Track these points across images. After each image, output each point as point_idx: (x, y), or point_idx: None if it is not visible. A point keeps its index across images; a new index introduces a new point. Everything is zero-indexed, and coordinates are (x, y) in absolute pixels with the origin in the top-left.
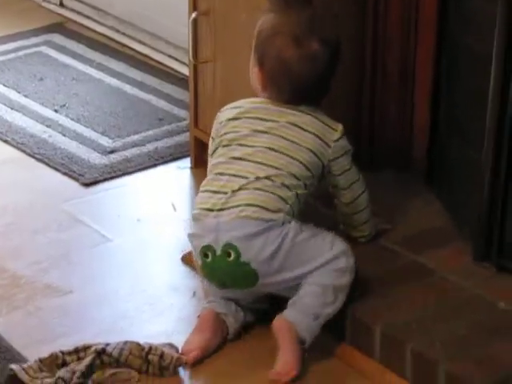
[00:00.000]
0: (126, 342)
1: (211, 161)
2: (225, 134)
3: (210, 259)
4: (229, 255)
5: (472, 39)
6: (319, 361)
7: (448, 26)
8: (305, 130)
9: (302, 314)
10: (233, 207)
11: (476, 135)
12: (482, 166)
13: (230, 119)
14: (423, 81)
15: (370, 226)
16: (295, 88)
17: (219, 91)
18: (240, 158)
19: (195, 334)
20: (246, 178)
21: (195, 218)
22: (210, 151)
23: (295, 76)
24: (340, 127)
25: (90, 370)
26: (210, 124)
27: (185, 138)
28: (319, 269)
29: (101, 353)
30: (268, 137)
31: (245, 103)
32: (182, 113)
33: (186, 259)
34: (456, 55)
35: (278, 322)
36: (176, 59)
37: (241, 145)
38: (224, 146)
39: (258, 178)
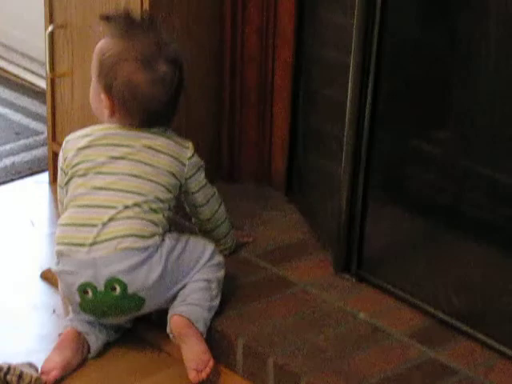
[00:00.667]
0: None
1: (64, 192)
2: (78, 163)
3: (90, 296)
4: (113, 289)
5: (328, 52)
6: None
7: (304, 40)
8: (160, 152)
9: (195, 308)
10: (107, 240)
11: (334, 148)
12: (340, 178)
13: (81, 148)
14: (282, 95)
15: (231, 237)
16: (147, 111)
17: (77, 105)
18: (102, 188)
19: (55, 352)
20: (114, 207)
21: (63, 254)
22: (60, 182)
23: (147, 99)
24: (190, 144)
25: None
26: None
27: (43, 152)
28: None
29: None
30: (126, 163)
31: (94, 130)
32: (40, 126)
33: (45, 276)
34: (313, 69)
35: (176, 319)
36: (32, 72)
37: (100, 173)
38: (80, 175)
39: (126, 207)
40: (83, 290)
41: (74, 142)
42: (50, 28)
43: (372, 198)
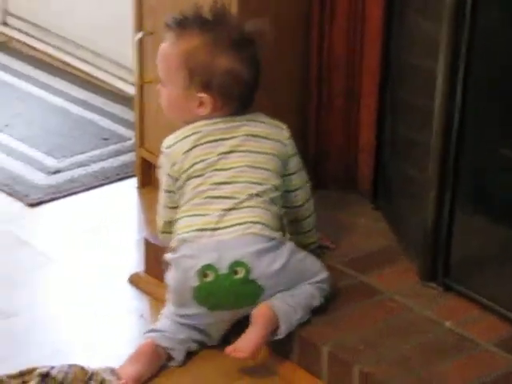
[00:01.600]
0: (70, 366)
1: (174, 197)
2: (191, 166)
3: (211, 279)
4: (236, 273)
5: (417, 58)
6: (264, 380)
7: (393, 45)
8: (262, 137)
9: (289, 309)
10: (234, 225)
11: (421, 155)
12: (427, 185)
13: (187, 151)
14: (369, 101)
15: (316, 232)
16: (244, 95)
17: None
18: (223, 183)
19: (128, 363)
20: (238, 198)
21: (186, 241)
22: (167, 187)
23: (246, 83)
24: (285, 125)
25: None
26: (156, 143)
27: (130, 157)
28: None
29: (45, 376)
30: (237, 155)
31: (193, 130)
32: (128, 132)
33: (134, 280)
34: (400, 75)
35: (263, 309)
36: (121, 78)
37: (216, 170)
38: (197, 176)
39: (251, 195)
40: (203, 272)
41: (176, 146)
42: (139, 35)
43: (459, 205)
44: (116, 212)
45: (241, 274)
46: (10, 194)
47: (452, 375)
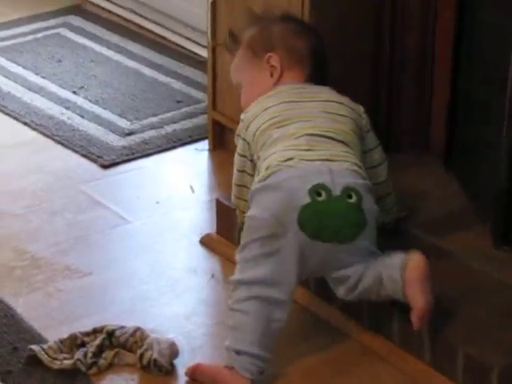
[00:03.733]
0: (136, 330)
1: (246, 161)
2: (264, 122)
3: (324, 197)
4: (350, 197)
5: (493, 15)
6: (335, 340)
7: (468, 3)
8: (341, 104)
9: None
10: (341, 160)
11: (496, 117)
12: (500, 147)
13: (263, 110)
14: (443, 60)
15: (397, 207)
16: (311, 59)
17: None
18: (308, 120)
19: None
20: (332, 138)
21: (290, 166)
22: (241, 151)
23: (305, 42)
24: (358, 104)
25: (100, 349)
26: (228, 106)
27: (203, 120)
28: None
29: (111, 334)
30: (316, 104)
31: (271, 93)
32: (200, 95)
33: (205, 241)
34: (476, 33)
35: (422, 260)
36: (194, 41)
37: (297, 121)
38: (277, 127)
39: (340, 141)
40: (316, 191)
41: (253, 110)
42: None
43: None
44: (188, 174)
45: (354, 199)
46: (84, 156)
47: None
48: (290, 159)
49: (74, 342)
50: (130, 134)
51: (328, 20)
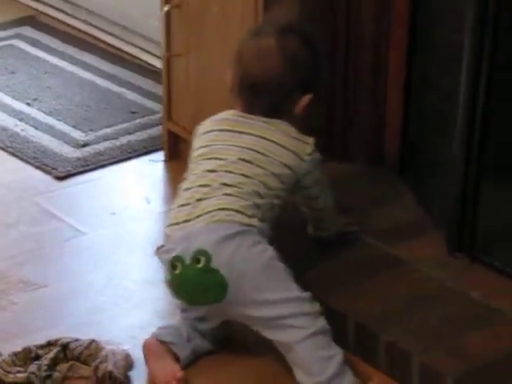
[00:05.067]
0: (91, 342)
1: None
2: (201, 147)
3: (178, 270)
4: (198, 261)
5: (442, 32)
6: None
7: (420, 20)
8: (278, 145)
9: None
10: (202, 214)
11: (448, 127)
12: (454, 157)
13: (202, 133)
14: (396, 75)
15: (336, 224)
16: (256, 92)
17: (192, 84)
18: (212, 170)
19: (152, 365)
20: (210, 185)
21: (166, 235)
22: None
23: (249, 78)
24: (311, 140)
25: (54, 362)
26: (183, 117)
27: (158, 131)
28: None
29: (65, 347)
30: (238, 150)
31: (223, 114)
32: (155, 106)
33: (160, 252)
34: (428, 49)
35: None
36: (148, 52)
37: (214, 158)
38: (195, 162)
39: (224, 184)
40: (173, 264)
41: (202, 128)
42: (167, 8)
43: (486, 176)
44: (144, 185)
45: (202, 262)
46: (38, 167)
47: (479, 345)
48: (169, 226)
49: (28, 355)
50: (85, 145)
51: None
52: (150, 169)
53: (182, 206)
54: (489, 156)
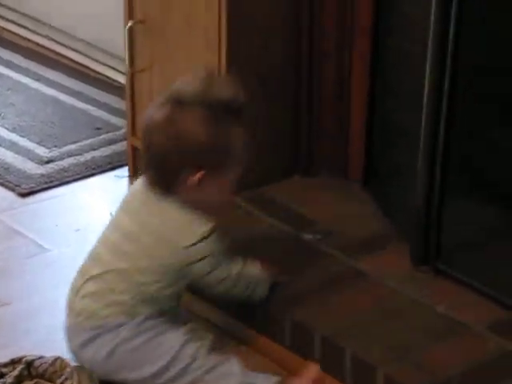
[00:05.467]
0: (56, 359)
1: None
2: (106, 227)
3: None
4: None
5: (405, 43)
6: (256, 363)
7: (382, 31)
8: (156, 233)
9: None
10: (71, 311)
11: (411, 140)
12: (417, 170)
13: (119, 207)
14: (359, 88)
15: (260, 289)
16: (155, 168)
17: (156, 99)
18: (90, 256)
19: None
20: (82, 278)
21: None
22: None
23: (148, 150)
24: (200, 231)
25: (18, 380)
26: None
27: (122, 146)
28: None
29: (30, 364)
30: (119, 236)
31: (134, 187)
32: (120, 121)
33: None
34: (390, 60)
35: None
36: (112, 68)
37: (104, 239)
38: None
39: (91, 277)
40: None
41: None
42: (130, 23)
43: (450, 189)
44: (108, 200)
45: None
46: (1, 184)
47: (445, 358)
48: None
49: None
50: (49, 161)
51: (248, 47)
52: (115, 184)
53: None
54: (453, 167)
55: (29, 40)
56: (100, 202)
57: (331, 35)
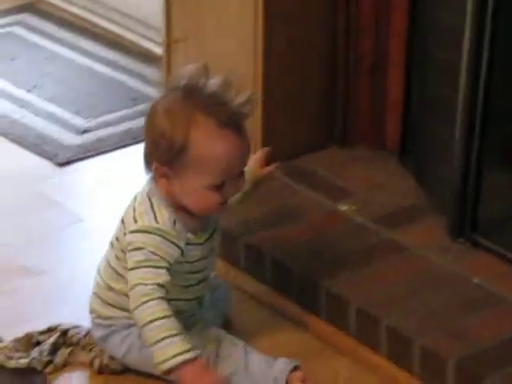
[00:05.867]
0: (88, 332)
1: None
2: None
3: None
4: None
5: (443, 15)
6: (292, 335)
7: (419, 4)
8: (122, 219)
9: None
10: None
11: (449, 112)
12: (454, 142)
13: None
14: (396, 58)
15: (161, 351)
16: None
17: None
18: None
19: None
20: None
21: None
22: None
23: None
24: (141, 222)
25: (54, 347)
26: None
27: None
28: None
29: (64, 333)
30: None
31: None
32: (155, 92)
33: None
34: (427, 31)
35: None
36: (149, 39)
37: None
38: None
39: (98, 270)
40: None
41: None
42: None
43: (487, 161)
44: (143, 172)
45: None
46: (38, 154)
47: (480, 329)
48: None
49: (30, 341)
50: (85, 131)
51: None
52: None
53: None
54: (490, 140)
55: (65, 10)
56: (135, 173)
57: (368, 8)
